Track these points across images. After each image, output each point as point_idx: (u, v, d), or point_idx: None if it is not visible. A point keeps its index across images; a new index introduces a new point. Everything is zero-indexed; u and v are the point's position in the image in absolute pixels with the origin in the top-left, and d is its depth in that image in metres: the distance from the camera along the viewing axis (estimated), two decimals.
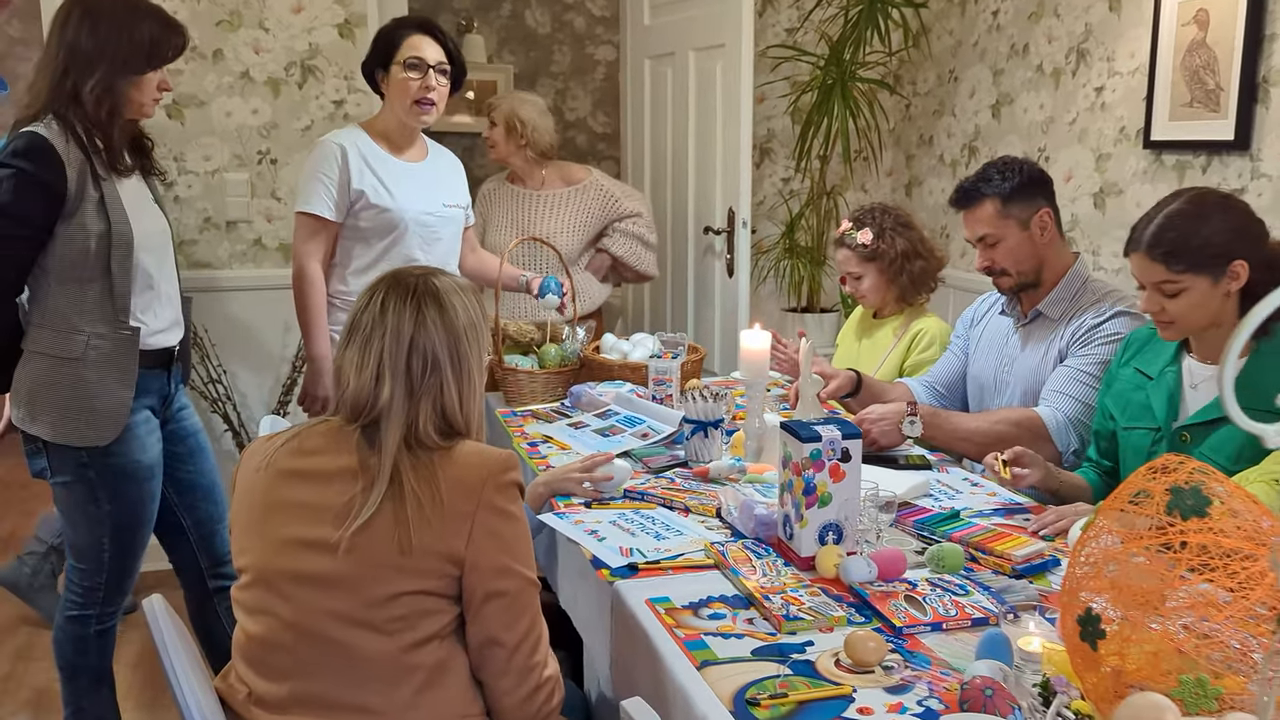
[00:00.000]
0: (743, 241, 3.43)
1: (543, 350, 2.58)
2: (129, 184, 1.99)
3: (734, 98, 3.37)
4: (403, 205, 2.46)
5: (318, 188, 2.43)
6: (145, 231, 1.98)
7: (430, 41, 2.44)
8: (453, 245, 2.59)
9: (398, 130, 2.51)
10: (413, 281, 1.39)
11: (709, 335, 3.62)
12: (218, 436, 3.41)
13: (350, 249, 2.49)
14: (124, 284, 1.93)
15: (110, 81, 1.90)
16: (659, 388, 2.40)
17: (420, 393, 1.35)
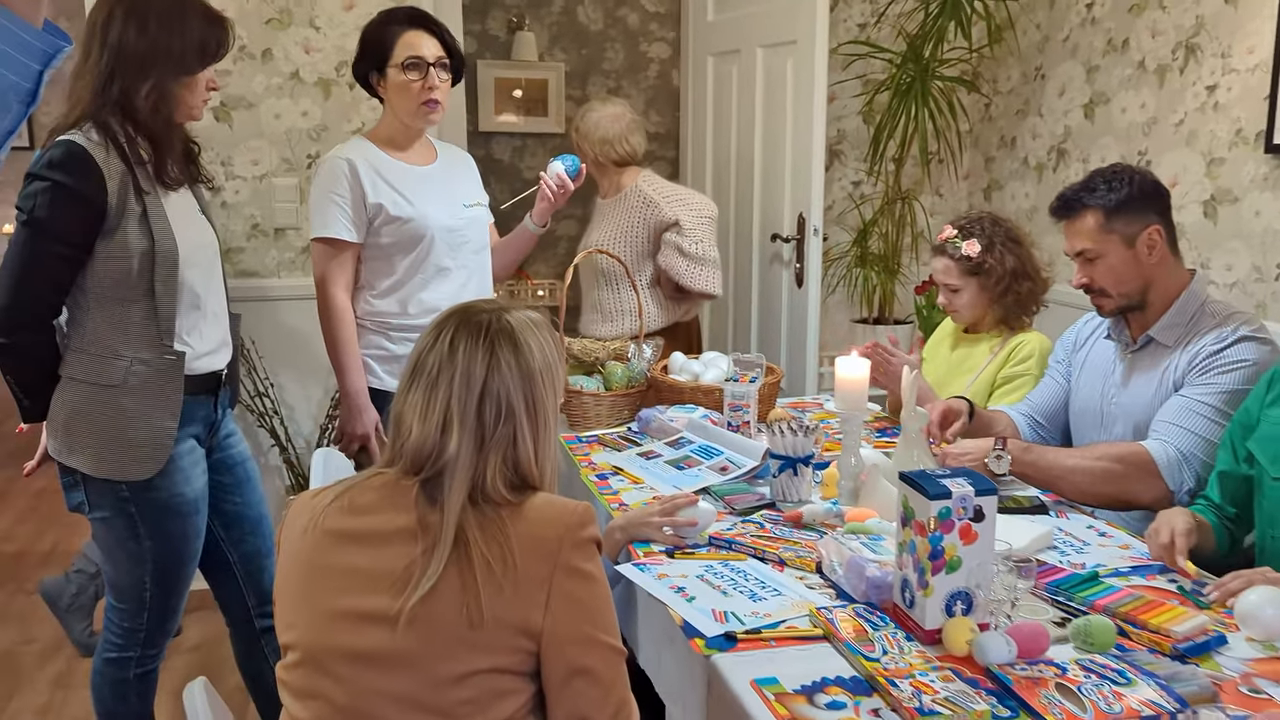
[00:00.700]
0: (814, 250, 3.23)
1: (608, 370, 2.41)
2: (174, 194, 1.85)
3: (806, 97, 3.18)
4: (425, 213, 2.29)
5: (331, 209, 2.26)
6: (192, 246, 1.84)
7: (426, 36, 2.27)
8: (481, 248, 2.42)
9: (404, 135, 2.35)
10: (485, 319, 1.23)
11: (774, 349, 3.43)
12: (264, 450, 3.29)
13: (376, 268, 2.33)
14: (169, 304, 1.78)
15: (164, 84, 1.76)
16: (735, 414, 2.21)
17: (491, 444, 1.19)
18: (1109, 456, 1.87)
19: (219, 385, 1.95)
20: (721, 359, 2.48)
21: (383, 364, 2.35)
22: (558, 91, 5.66)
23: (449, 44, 2.30)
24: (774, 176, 3.38)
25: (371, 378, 2.35)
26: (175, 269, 1.78)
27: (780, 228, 3.35)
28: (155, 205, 1.78)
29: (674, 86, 5.91)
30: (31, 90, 1.21)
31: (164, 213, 1.79)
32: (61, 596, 2.77)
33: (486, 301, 1.29)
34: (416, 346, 1.24)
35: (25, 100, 1.21)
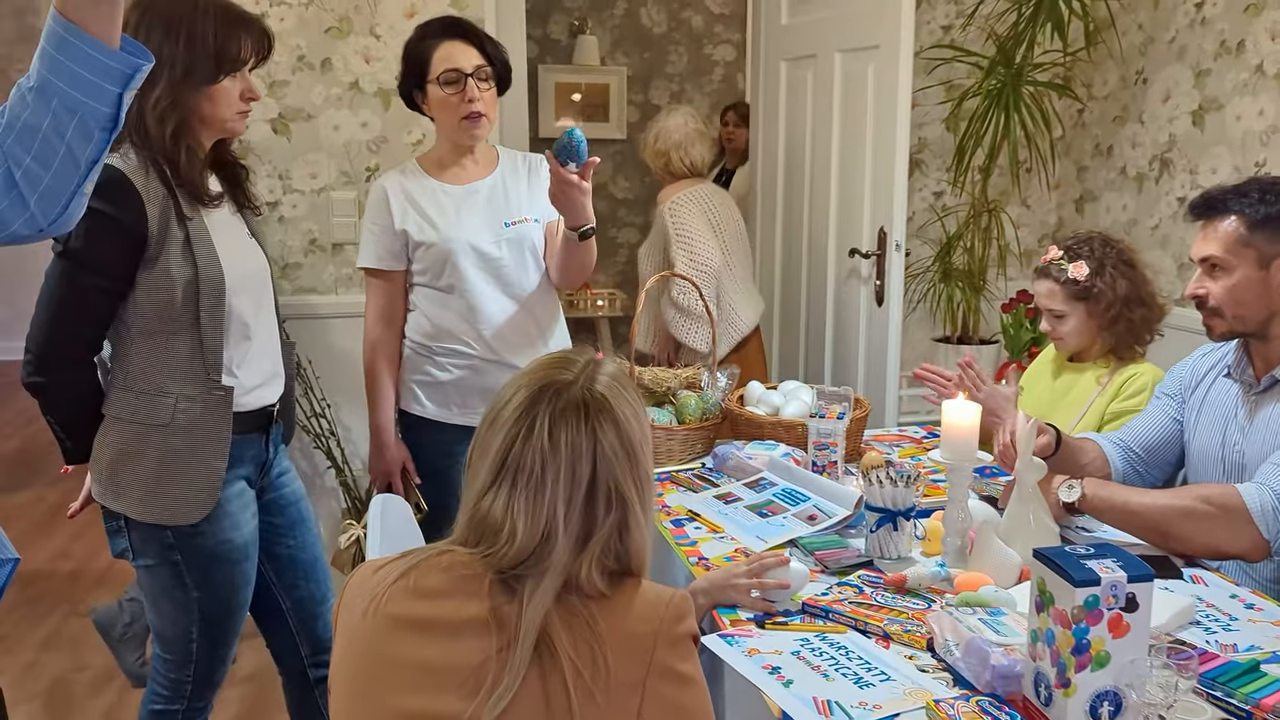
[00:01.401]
0: (895, 266, 3.04)
1: (681, 401, 2.25)
2: (219, 216, 1.73)
3: (889, 105, 2.98)
4: (448, 235, 2.16)
5: (366, 237, 2.22)
6: (240, 272, 1.72)
7: (463, 46, 2.13)
8: (523, 267, 2.21)
9: (451, 151, 2.23)
10: (578, 395, 1.08)
11: (850, 371, 3.24)
12: (320, 472, 3.19)
13: (420, 294, 2.24)
14: (215, 336, 1.67)
15: (174, 95, 1.62)
16: (821, 453, 2.04)
17: (596, 538, 1.04)
18: (1194, 494, 1.66)
19: (270, 421, 1.83)
20: (803, 390, 2.30)
21: (425, 390, 2.25)
22: (619, 96, 5.53)
23: (489, 51, 2.16)
24: (852, 188, 3.19)
25: (416, 404, 2.26)
26: (221, 297, 1.67)
27: (859, 242, 3.16)
28: (199, 230, 1.66)
29: (739, 91, 5.74)
30: (112, 115, 1.09)
31: (209, 238, 1.67)
32: (114, 626, 2.69)
33: (561, 363, 1.13)
34: (503, 438, 1.07)
35: (107, 126, 1.10)
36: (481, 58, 2.14)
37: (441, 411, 2.24)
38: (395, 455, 2.25)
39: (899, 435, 2.47)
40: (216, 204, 1.72)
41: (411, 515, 1.84)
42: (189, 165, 1.65)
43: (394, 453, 2.25)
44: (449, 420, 2.24)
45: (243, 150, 3.00)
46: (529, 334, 2.23)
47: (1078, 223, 3.55)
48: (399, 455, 2.25)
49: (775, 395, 2.29)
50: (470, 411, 2.23)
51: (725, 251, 3.16)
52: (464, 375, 2.21)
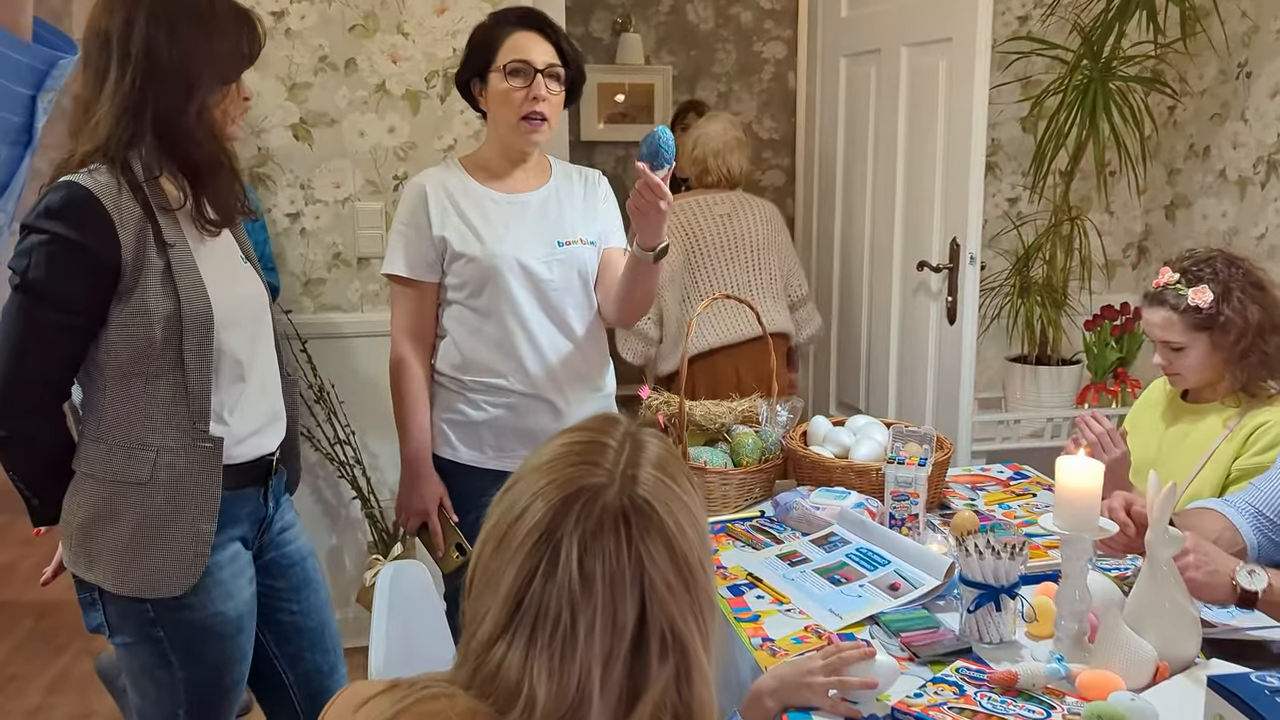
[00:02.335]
0: (969, 281, 2.75)
1: (736, 440, 1.99)
2: (208, 240, 1.51)
3: (963, 103, 2.70)
4: (494, 250, 1.90)
5: (396, 241, 1.96)
6: (232, 303, 1.50)
7: (537, 39, 1.90)
8: (574, 293, 1.97)
9: (501, 156, 1.98)
10: (615, 503, 0.81)
11: (918, 395, 2.96)
12: (346, 503, 2.98)
13: (451, 314, 1.98)
14: (202, 378, 1.44)
15: (206, 100, 1.44)
16: (899, 505, 1.77)
17: (647, 699, 0.79)
18: None
19: (270, 472, 1.60)
20: (876, 428, 2.03)
21: (457, 430, 1.99)
22: (664, 96, 5.28)
23: (565, 50, 1.92)
24: (921, 195, 2.91)
25: (445, 447, 2.00)
26: (209, 333, 1.44)
27: (928, 254, 2.88)
28: (182, 257, 1.44)
29: (790, 89, 5.46)
30: (24, 125, 0.86)
31: (193, 265, 1.45)
32: (119, 676, 2.50)
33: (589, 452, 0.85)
34: (515, 569, 0.81)
35: (18, 139, 0.86)
36: (556, 55, 1.90)
37: (475, 455, 1.98)
38: (432, 490, 1.98)
39: (981, 475, 2.19)
40: (219, 229, 1.51)
41: (429, 584, 1.61)
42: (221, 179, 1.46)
43: (431, 487, 1.97)
44: (483, 465, 1.98)
45: (262, 157, 2.80)
46: (577, 370, 1.98)
47: (1168, 231, 3.24)
48: (436, 490, 1.98)
49: (843, 433, 2.03)
50: (507, 455, 1.97)
51: (690, 262, 2.89)
52: (501, 414, 1.96)
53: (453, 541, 1.99)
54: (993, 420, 3.03)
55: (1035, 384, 3.08)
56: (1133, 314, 3.10)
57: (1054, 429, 3.02)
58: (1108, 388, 3.07)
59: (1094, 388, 3.08)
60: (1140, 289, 3.38)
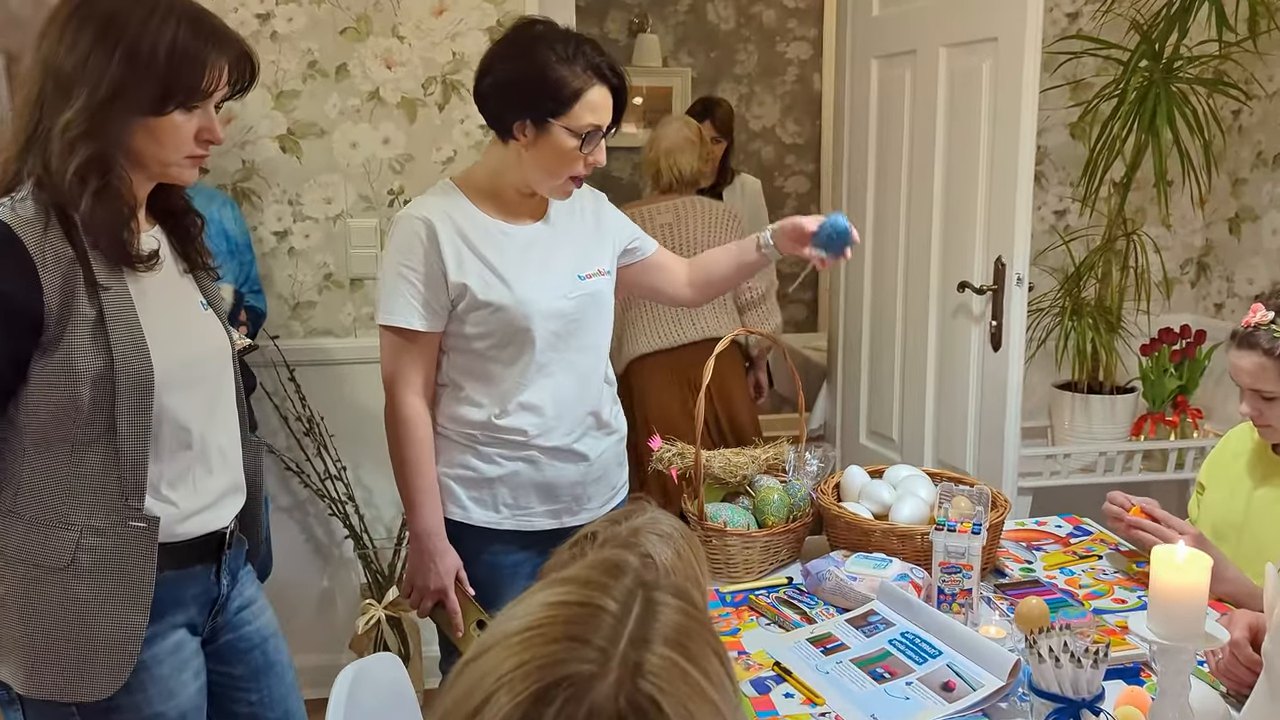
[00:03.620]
0: (1016, 303, 2.50)
1: (761, 495, 1.76)
2: (156, 282, 1.30)
3: (1009, 108, 2.46)
4: (525, 296, 1.66)
5: (399, 289, 1.66)
6: (180, 359, 1.28)
7: (609, 96, 1.66)
8: (596, 329, 1.77)
9: (509, 189, 1.72)
10: (607, 698, 0.56)
11: (956, 430, 2.71)
12: (338, 542, 2.77)
13: (460, 364, 1.72)
14: (137, 447, 1.23)
15: (91, 119, 1.20)
16: (950, 579, 1.54)
17: None
18: None
19: (223, 547, 1.39)
20: (920, 482, 1.79)
21: (468, 489, 1.74)
22: (683, 99, 5.05)
23: (621, 108, 1.68)
24: (961, 208, 2.66)
25: (453, 506, 1.74)
26: (148, 396, 1.23)
27: (969, 274, 2.63)
28: (119, 305, 1.22)
29: (814, 91, 5.22)
30: None
31: (131, 315, 1.23)
32: None
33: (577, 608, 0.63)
34: None
35: None
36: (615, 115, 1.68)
37: (487, 515, 1.74)
38: (450, 565, 1.71)
39: (1037, 531, 1.95)
40: (149, 267, 1.28)
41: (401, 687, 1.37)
42: (102, 214, 1.22)
43: (450, 562, 1.71)
44: (497, 525, 1.74)
45: (247, 171, 2.59)
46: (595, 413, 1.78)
47: (1231, 246, 2.97)
48: (453, 564, 1.71)
49: (882, 487, 1.79)
50: (524, 514, 1.75)
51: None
52: (518, 469, 1.72)
53: (473, 618, 1.74)
54: (1040, 454, 2.78)
55: (1086, 414, 2.82)
56: (1194, 337, 2.84)
57: (1107, 463, 2.77)
58: (1166, 418, 2.81)
59: (1151, 418, 2.82)
60: (1200, 308, 3.11)
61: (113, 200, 1.23)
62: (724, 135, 3.69)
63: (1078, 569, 1.75)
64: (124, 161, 1.24)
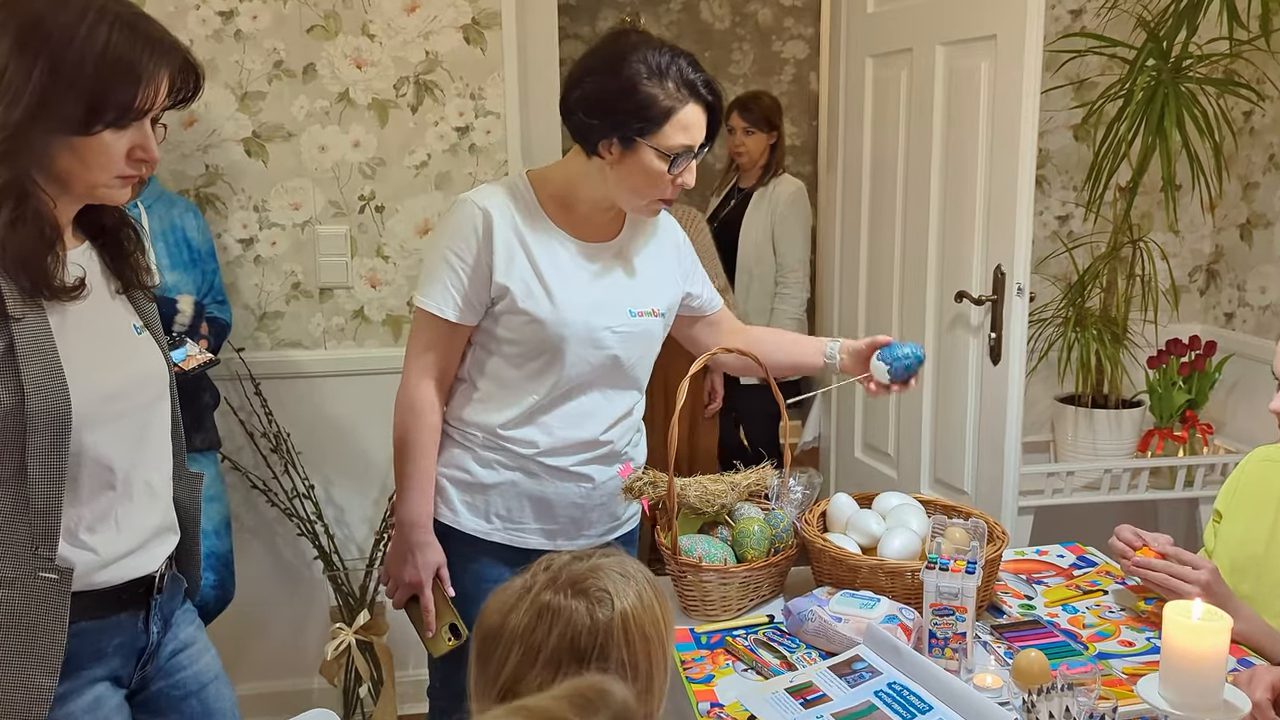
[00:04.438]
0: (1017, 315, 2.38)
1: (740, 526, 1.63)
2: (82, 308, 1.18)
3: (1009, 109, 2.34)
4: (566, 316, 1.59)
5: (443, 273, 1.59)
6: (103, 392, 1.17)
7: (705, 115, 1.56)
8: (636, 368, 1.69)
9: (584, 202, 1.64)
10: None
11: (955, 447, 2.59)
12: (308, 563, 2.66)
13: (483, 363, 1.65)
14: (49, 490, 1.12)
15: (5, 143, 1.09)
16: (943, 622, 1.42)
17: None
18: None
19: (151, 591, 1.27)
20: (912, 512, 1.67)
21: (461, 492, 1.68)
22: None
23: (718, 125, 1.58)
24: (959, 214, 2.54)
25: (444, 507, 1.67)
26: (64, 434, 1.12)
27: (967, 284, 2.51)
28: (33, 334, 1.11)
29: (812, 91, 5.09)
30: None
31: (48, 345, 1.12)
32: None
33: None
34: None
35: None
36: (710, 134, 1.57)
37: (476, 523, 1.67)
38: (431, 559, 1.64)
39: (1037, 562, 1.82)
40: (73, 296, 1.17)
41: None
42: (19, 243, 1.11)
43: (430, 555, 1.64)
44: (486, 536, 1.68)
45: (210, 176, 2.48)
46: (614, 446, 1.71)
47: (1242, 253, 2.85)
48: (435, 559, 1.65)
49: (871, 518, 1.67)
50: (516, 529, 1.68)
51: None
52: (515, 479, 1.66)
53: (447, 620, 1.67)
54: (1041, 472, 2.66)
55: (1090, 429, 2.70)
56: (1204, 349, 2.71)
57: (1112, 481, 2.64)
58: (1174, 434, 2.69)
59: (1158, 433, 2.70)
60: (1210, 318, 2.99)
61: (31, 227, 1.12)
62: (764, 126, 3.50)
63: (1081, 605, 1.63)
64: (46, 183, 1.13)
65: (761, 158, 3.54)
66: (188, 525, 1.37)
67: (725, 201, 3.70)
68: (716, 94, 1.56)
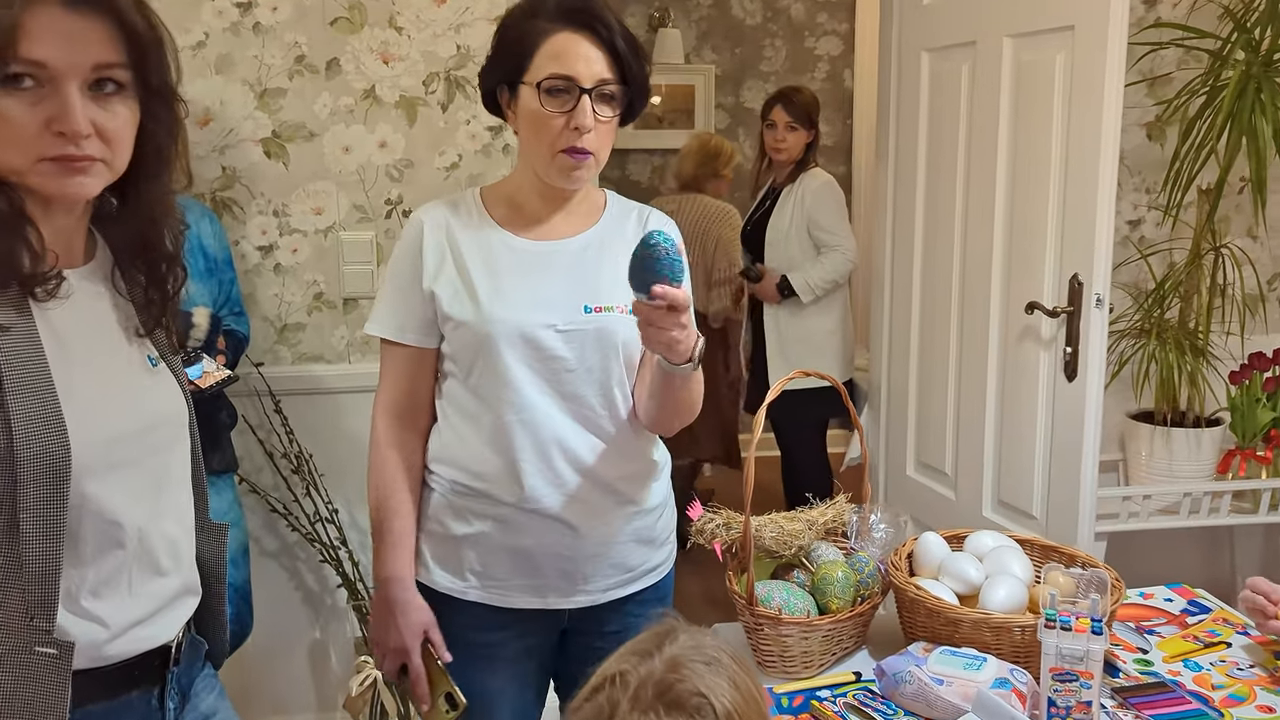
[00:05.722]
0: (1095, 328, 2.20)
1: (822, 573, 1.46)
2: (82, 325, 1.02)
3: (1089, 106, 2.16)
4: (490, 313, 1.41)
5: (385, 292, 1.51)
6: (109, 434, 1.01)
7: (586, 44, 1.38)
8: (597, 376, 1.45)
9: (532, 190, 1.48)
10: None
11: (1023, 466, 2.41)
12: (330, 590, 2.50)
13: (449, 392, 1.50)
14: (46, 551, 0.95)
15: None
16: (1064, 689, 1.24)
17: None
18: None
19: (169, 663, 1.11)
20: (1011, 554, 1.49)
21: (433, 545, 1.51)
22: (706, 98, 4.76)
23: (623, 59, 1.40)
24: (1029, 219, 2.36)
25: (419, 565, 1.51)
26: (61, 484, 0.95)
27: (1038, 294, 2.33)
28: (23, 357, 0.95)
29: (845, 89, 4.92)
30: None
31: (42, 376, 0.95)
32: None
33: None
34: None
35: None
36: (610, 68, 1.39)
37: (452, 581, 1.50)
38: (415, 621, 1.47)
39: (1143, 607, 1.64)
40: (50, 293, 0.99)
41: None
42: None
43: (413, 617, 1.48)
44: (463, 595, 1.49)
45: (227, 179, 2.32)
46: (602, 479, 1.47)
47: None
48: (419, 621, 1.47)
49: (966, 562, 1.49)
50: (494, 586, 1.48)
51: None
52: (487, 530, 1.47)
53: (442, 690, 1.50)
54: (1116, 495, 2.48)
55: (1167, 449, 2.52)
56: None
57: (1192, 504, 2.46)
58: (1257, 455, 2.50)
59: (1240, 454, 2.51)
60: None
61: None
62: (805, 123, 3.42)
63: (1205, 661, 1.45)
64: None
65: (798, 154, 3.41)
66: (211, 583, 1.21)
67: (761, 203, 3.56)
68: (599, 18, 1.38)
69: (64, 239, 1.04)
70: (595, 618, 1.50)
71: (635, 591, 1.52)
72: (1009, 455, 2.49)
